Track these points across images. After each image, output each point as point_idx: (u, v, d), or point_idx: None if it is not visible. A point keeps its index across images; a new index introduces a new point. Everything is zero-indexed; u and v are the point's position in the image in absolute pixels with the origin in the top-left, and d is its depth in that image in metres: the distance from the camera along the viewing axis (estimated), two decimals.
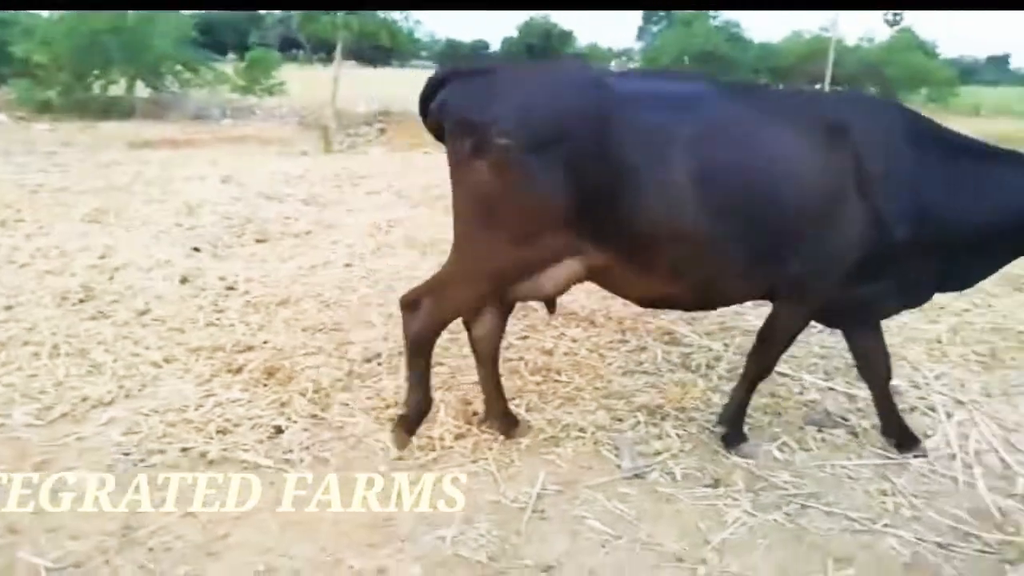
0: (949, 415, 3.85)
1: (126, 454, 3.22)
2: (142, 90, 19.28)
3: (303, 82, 22.07)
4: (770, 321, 3.26)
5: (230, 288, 5.29)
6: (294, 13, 22.07)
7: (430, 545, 2.70)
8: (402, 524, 2.81)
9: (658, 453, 3.36)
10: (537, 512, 2.92)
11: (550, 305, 3.34)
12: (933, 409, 3.93)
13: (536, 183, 2.73)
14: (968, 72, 58.13)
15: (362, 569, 2.57)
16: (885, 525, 2.91)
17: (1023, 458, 3.49)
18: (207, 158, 10.99)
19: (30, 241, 6.18)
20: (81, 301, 4.92)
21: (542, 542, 2.74)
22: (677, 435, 3.52)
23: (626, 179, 2.73)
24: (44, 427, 3.42)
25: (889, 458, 3.41)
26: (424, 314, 3.12)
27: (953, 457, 3.45)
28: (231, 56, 32.83)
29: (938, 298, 5.54)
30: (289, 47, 47.55)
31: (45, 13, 18.45)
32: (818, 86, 27.23)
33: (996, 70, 72.58)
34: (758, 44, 40.97)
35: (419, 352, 3.22)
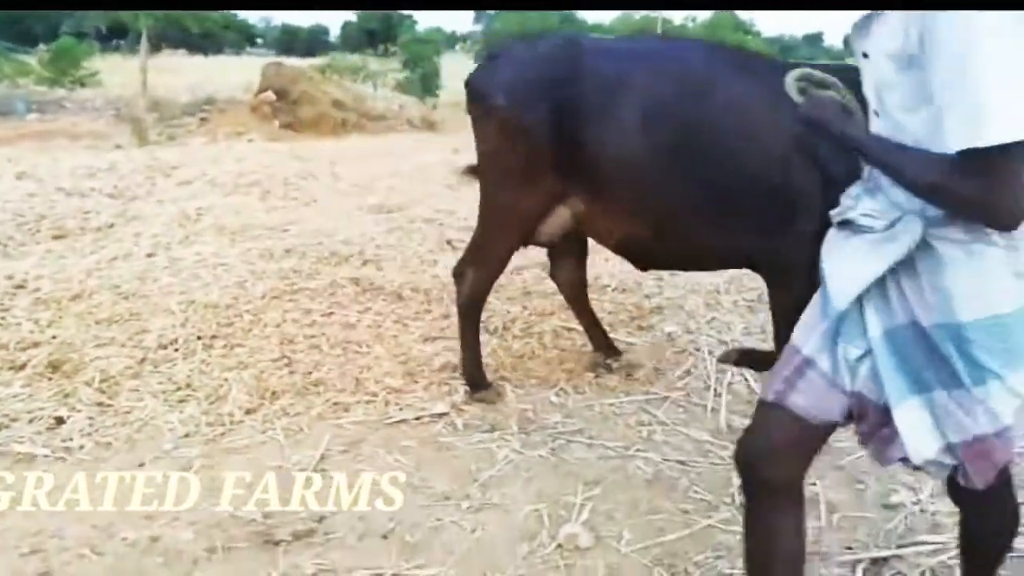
0: (711, 352, 4.31)
1: None
2: None
3: (125, 73, 20.83)
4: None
5: (19, 287, 5.04)
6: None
7: (207, 511, 2.79)
8: (179, 498, 2.87)
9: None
10: (318, 471, 3.06)
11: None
12: (699, 349, 4.39)
13: (530, 136, 3.23)
14: (787, 49, 62.90)
15: (135, 539, 2.62)
16: (636, 450, 3.27)
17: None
18: (4, 155, 10.22)
19: None
20: None
21: (319, 498, 2.89)
22: (464, 390, 3.75)
23: (590, 122, 3.13)
24: None
25: (652, 394, 3.80)
26: (471, 279, 3.63)
27: (707, 388, 3.88)
28: (42, 47, 30.48)
29: None
30: (111, 37, 44.60)
31: None
32: None
33: (811, 47, 79.02)
34: (591, 24, 42.57)
35: (469, 316, 3.70)
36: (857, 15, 1.67)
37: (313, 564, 2.52)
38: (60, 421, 3.39)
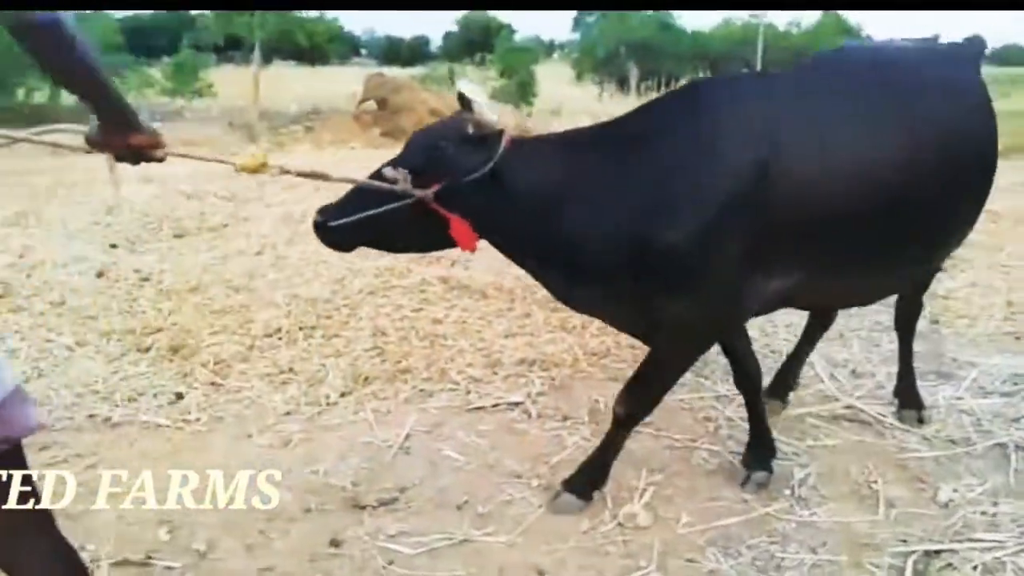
0: (787, 355, 4.39)
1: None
2: (68, 97, 19.14)
3: (238, 84, 22.08)
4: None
5: (144, 279, 5.59)
6: (208, 16, 22.01)
7: (304, 477, 3.11)
8: (280, 465, 3.21)
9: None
10: (403, 448, 3.35)
11: None
12: (775, 352, 4.47)
13: None
14: None
15: (244, 498, 2.97)
16: (702, 442, 3.42)
17: (842, 386, 4.04)
18: None
19: None
20: (0, 297, 5.18)
21: (403, 471, 3.17)
22: (540, 382, 3.99)
23: None
24: None
25: (722, 393, 3.92)
26: None
27: None
28: (165, 60, 32.61)
29: None
30: (226, 49, 47.03)
31: None
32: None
33: None
34: (691, 33, 42.02)
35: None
36: None
37: (395, 527, 2.80)
38: (180, 396, 3.81)
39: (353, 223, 2.57)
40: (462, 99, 2.44)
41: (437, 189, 2.48)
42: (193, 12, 43.58)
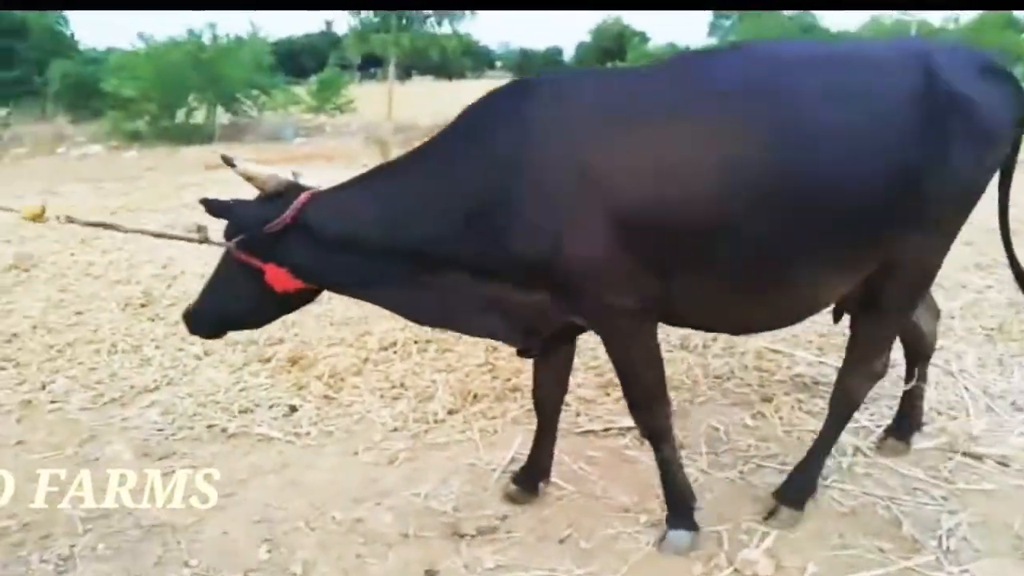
0: (938, 384, 3.94)
1: (159, 430, 3.70)
2: (222, 115, 20.54)
3: (378, 100, 22.93)
4: None
5: None
6: (346, 36, 22.94)
7: (406, 499, 3.05)
8: (383, 484, 3.16)
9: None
10: (507, 472, 3.22)
11: None
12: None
13: None
14: None
15: (343, 519, 2.93)
16: (833, 480, 3.09)
17: (1000, 420, 3.57)
18: None
19: (105, 256, 6.88)
20: (142, 306, 5.49)
21: (504, 496, 3.04)
22: None
23: None
24: (96, 410, 3.94)
25: (859, 423, 3.55)
26: None
27: (925, 423, 3.56)
28: (312, 79, 34.45)
29: (960, 276, 5.60)
30: (368, 66, 49.07)
31: (129, 47, 19.91)
32: None
33: None
34: (836, 33, 39.95)
35: None
36: None
37: (493, 559, 2.67)
38: (293, 409, 3.86)
39: (207, 303, 2.82)
40: (225, 160, 2.61)
41: (239, 239, 2.63)
42: (339, 31, 45.70)
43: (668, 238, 2.33)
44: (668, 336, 4.57)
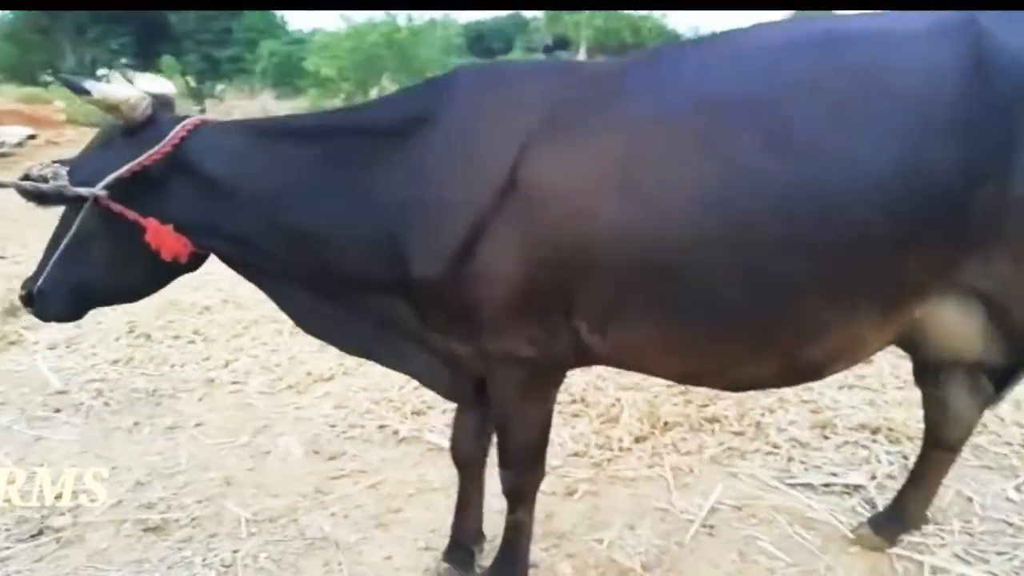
0: None
1: (332, 426, 3.53)
2: None
3: None
4: None
5: None
6: (540, 18, 22.89)
7: (586, 545, 2.65)
8: (561, 522, 2.79)
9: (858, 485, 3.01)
10: (706, 527, 2.75)
11: None
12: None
13: None
14: None
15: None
16: None
17: None
18: None
19: None
20: None
21: (703, 559, 2.57)
22: (888, 459, 3.13)
23: None
24: (272, 395, 3.87)
25: None
26: None
27: None
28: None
29: None
30: (555, 48, 49.14)
31: (332, 28, 20.88)
32: None
33: None
34: None
35: None
36: None
37: None
38: None
39: (57, 272, 2.12)
40: (71, 85, 1.97)
41: (106, 183, 2.01)
42: (526, 14, 46.01)
43: (615, 275, 1.86)
44: (896, 367, 3.89)
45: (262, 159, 2.10)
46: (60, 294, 2.16)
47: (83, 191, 2.02)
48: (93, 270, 2.14)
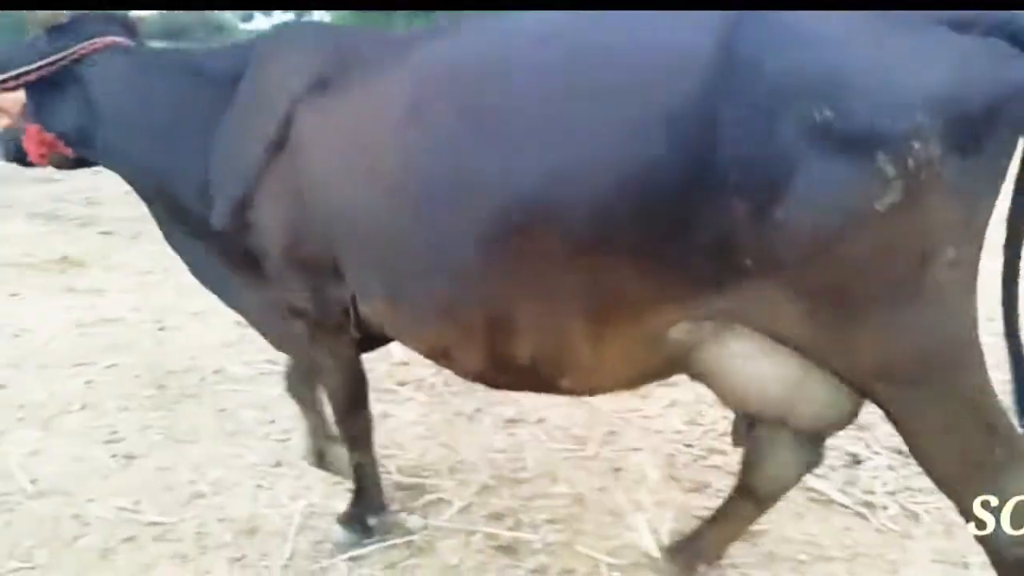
0: None
1: (687, 445, 3.05)
2: None
3: None
4: None
5: None
6: None
7: None
8: None
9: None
10: None
11: None
12: None
13: None
14: None
15: None
16: None
17: None
18: None
19: None
20: None
21: None
22: None
23: None
24: (612, 397, 3.46)
25: None
26: None
27: None
28: None
29: None
30: None
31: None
32: None
33: None
34: None
35: None
36: None
37: None
38: (856, 461, 2.90)
39: None
40: None
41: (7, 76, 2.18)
42: None
43: (358, 242, 1.90)
44: None
45: (138, 89, 2.23)
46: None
47: None
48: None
